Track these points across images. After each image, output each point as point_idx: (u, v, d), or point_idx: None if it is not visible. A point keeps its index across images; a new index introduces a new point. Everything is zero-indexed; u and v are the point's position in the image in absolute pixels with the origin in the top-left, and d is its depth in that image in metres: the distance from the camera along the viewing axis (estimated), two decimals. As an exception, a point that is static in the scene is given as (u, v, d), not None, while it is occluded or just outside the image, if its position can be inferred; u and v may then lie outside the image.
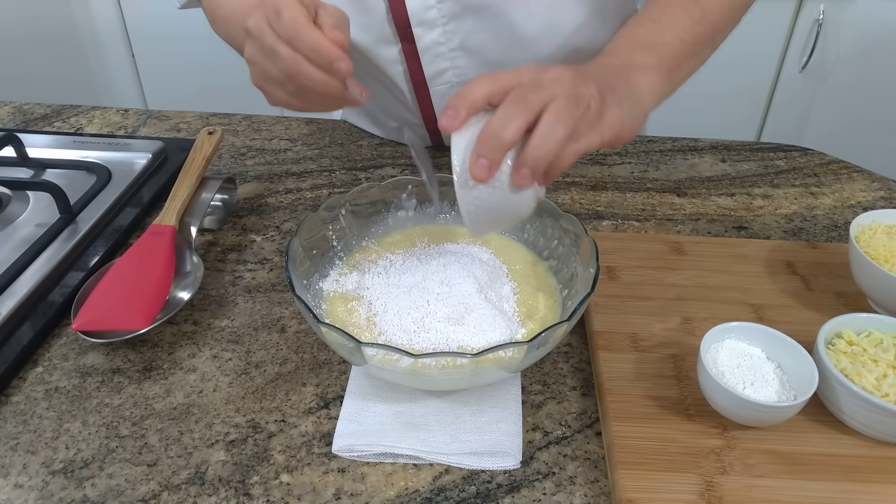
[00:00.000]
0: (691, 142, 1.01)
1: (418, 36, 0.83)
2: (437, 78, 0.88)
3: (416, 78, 0.88)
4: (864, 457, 0.54)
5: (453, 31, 0.83)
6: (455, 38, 0.84)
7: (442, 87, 0.89)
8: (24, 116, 1.08)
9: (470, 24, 0.83)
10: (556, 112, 0.51)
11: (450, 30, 0.83)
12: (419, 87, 0.90)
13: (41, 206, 0.81)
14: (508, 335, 0.58)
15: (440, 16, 0.82)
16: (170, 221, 0.74)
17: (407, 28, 0.83)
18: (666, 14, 0.67)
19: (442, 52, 0.85)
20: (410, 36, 0.83)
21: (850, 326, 0.60)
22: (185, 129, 1.04)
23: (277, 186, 0.90)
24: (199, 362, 0.64)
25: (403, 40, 0.85)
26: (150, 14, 2.01)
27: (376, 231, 0.71)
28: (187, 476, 0.54)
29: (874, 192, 0.90)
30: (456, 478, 0.54)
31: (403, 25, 0.83)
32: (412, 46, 0.85)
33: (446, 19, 0.82)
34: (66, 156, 0.90)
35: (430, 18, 0.82)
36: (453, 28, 0.83)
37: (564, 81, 0.53)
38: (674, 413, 0.57)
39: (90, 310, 0.65)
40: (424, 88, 0.89)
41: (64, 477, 0.54)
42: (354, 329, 0.60)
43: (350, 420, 0.58)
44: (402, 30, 0.83)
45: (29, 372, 0.63)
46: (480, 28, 0.83)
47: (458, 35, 0.84)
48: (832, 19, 1.77)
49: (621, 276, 0.71)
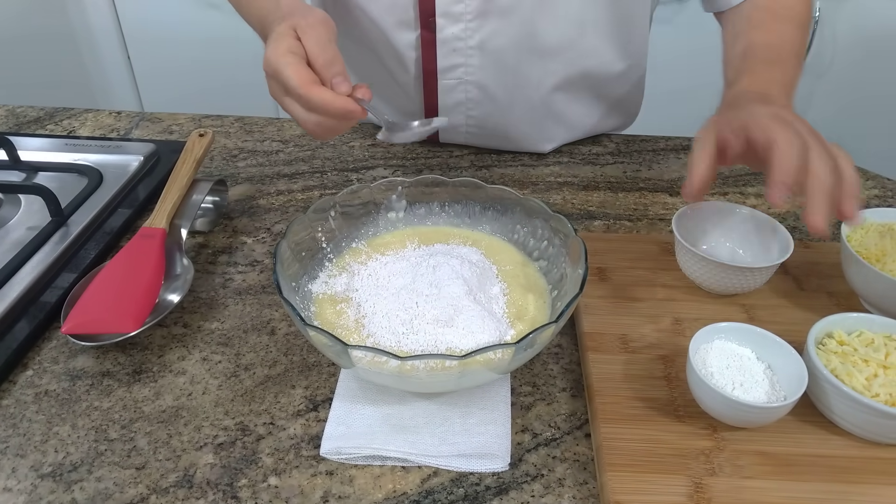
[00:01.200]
0: (684, 141, 1.01)
1: (440, 27, 0.84)
2: (449, 72, 0.88)
3: (427, 67, 0.89)
4: (855, 457, 0.54)
5: (476, 28, 0.84)
6: (476, 35, 0.84)
7: (451, 82, 0.89)
8: (17, 119, 1.08)
9: (493, 26, 0.84)
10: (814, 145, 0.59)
11: (473, 27, 0.84)
12: (428, 76, 0.90)
13: (33, 209, 0.80)
14: (497, 336, 0.58)
15: (467, 11, 0.82)
16: (160, 224, 0.74)
17: (430, 17, 0.83)
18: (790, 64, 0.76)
19: (460, 48, 0.86)
20: (432, 25, 0.84)
21: (841, 326, 0.59)
22: (178, 131, 1.04)
23: (269, 188, 0.90)
24: (189, 365, 0.64)
25: (424, 28, 0.85)
26: (146, 16, 2.01)
27: (366, 232, 0.71)
28: (175, 479, 0.54)
29: (868, 191, 0.90)
30: (444, 480, 0.54)
31: (427, 13, 0.83)
32: (431, 35, 0.85)
33: (472, 16, 0.83)
34: (59, 158, 0.90)
35: (457, 12, 0.83)
36: (476, 26, 0.84)
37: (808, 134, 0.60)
38: (663, 414, 0.57)
39: (80, 313, 0.65)
40: (433, 79, 0.89)
41: (53, 480, 0.54)
42: (343, 331, 0.60)
43: (339, 422, 0.58)
44: (425, 17, 0.84)
45: (19, 375, 0.63)
46: (503, 31, 0.84)
47: (479, 34, 0.84)
48: (828, 16, 1.77)
49: (612, 277, 0.71)
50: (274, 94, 0.65)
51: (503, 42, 0.85)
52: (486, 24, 0.84)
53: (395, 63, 0.91)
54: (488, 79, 0.89)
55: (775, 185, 0.56)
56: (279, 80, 0.62)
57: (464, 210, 0.72)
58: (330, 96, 0.60)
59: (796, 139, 0.58)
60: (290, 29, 0.63)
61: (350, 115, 0.60)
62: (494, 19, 0.83)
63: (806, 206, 0.56)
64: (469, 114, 0.93)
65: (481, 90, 0.90)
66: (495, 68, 0.88)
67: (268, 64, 0.62)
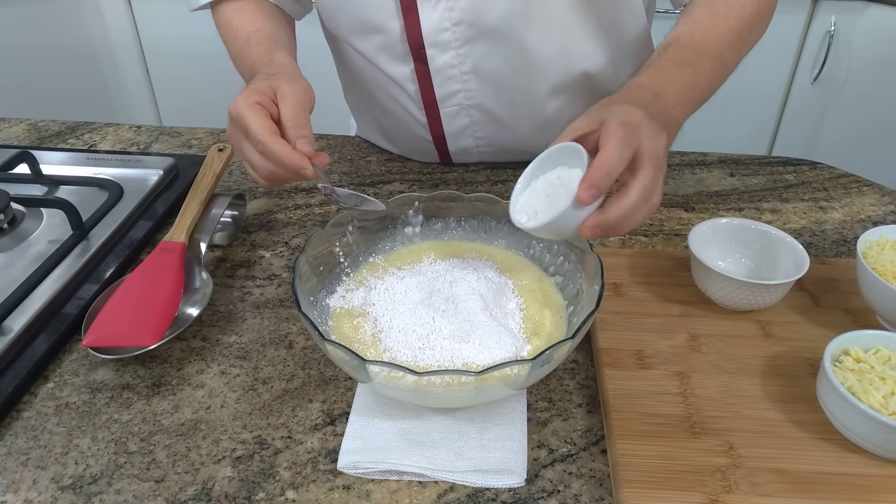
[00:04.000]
0: (700, 156, 1.01)
1: (431, 57, 0.84)
2: (448, 99, 0.89)
3: (427, 98, 0.89)
4: (873, 476, 0.53)
5: (466, 54, 0.84)
6: (468, 61, 0.85)
7: (452, 109, 0.90)
8: (39, 133, 1.09)
9: (483, 49, 0.84)
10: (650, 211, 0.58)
11: (463, 53, 0.84)
12: (430, 107, 0.90)
13: (54, 222, 0.82)
14: (514, 352, 0.59)
15: (454, 38, 0.83)
16: (179, 238, 0.75)
17: (420, 49, 0.84)
18: (702, 67, 0.71)
19: (454, 75, 0.86)
20: (424, 56, 0.84)
21: (858, 343, 0.59)
22: (197, 145, 1.06)
23: (287, 202, 0.91)
24: (208, 378, 0.65)
25: (416, 60, 0.86)
26: (165, 30, 2.04)
27: (383, 247, 0.72)
28: (194, 492, 0.55)
29: (884, 207, 0.90)
30: (461, 495, 0.54)
31: (417, 46, 0.84)
32: (425, 67, 0.85)
33: (460, 42, 0.83)
34: (80, 172, 0.91)
35: (445, 41, 0.83)
36: (467, 52, 0.84)
37: (663, 168, 0.59)
38: (679, 431, 0.57)
39: (101, 326, 0.66)
40: (435, 108, 0.90)
41: (73, 492, 0.55)
42: (360, 346, 0.61)
43: (355, 437, 0.58)
44: (416, 50, 0.84)
45: (40, 387, 0.64)
46: (494, 53, 0.84)
47: (470, 59, 0.84)
48: (844, 30, 1.76)
49: (627, 293, 0.71)
50: (231, 137, 0.69)
51: (496, 63, 0.85)
52: (476, 48, 0.84)
53: (400, 96, 0.92)
54: (489, 100, 0.89)
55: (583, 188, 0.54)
56: (241, 124, 0.65)
57: (480, 225, 0.72)
58: (287, 150, 0.63)
59: (626, 151, 0.55)
60: (270, 88, 0.67)
61: (302, 172, 0.63)
62: (483, 42, 0.83)
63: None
64: (476, 136, 0.94)
65: (484, 112, 0.91)
66: (493, 89, 0.88)
67: (235, 107, 0.66)
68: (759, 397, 0.60)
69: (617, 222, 0.56)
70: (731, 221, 0.73)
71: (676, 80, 0.68)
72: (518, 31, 0.82)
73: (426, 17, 0.81)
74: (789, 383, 0.61)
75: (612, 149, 0.55)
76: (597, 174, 0.54)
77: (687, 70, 0.69)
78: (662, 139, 0.59)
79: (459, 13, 0.81)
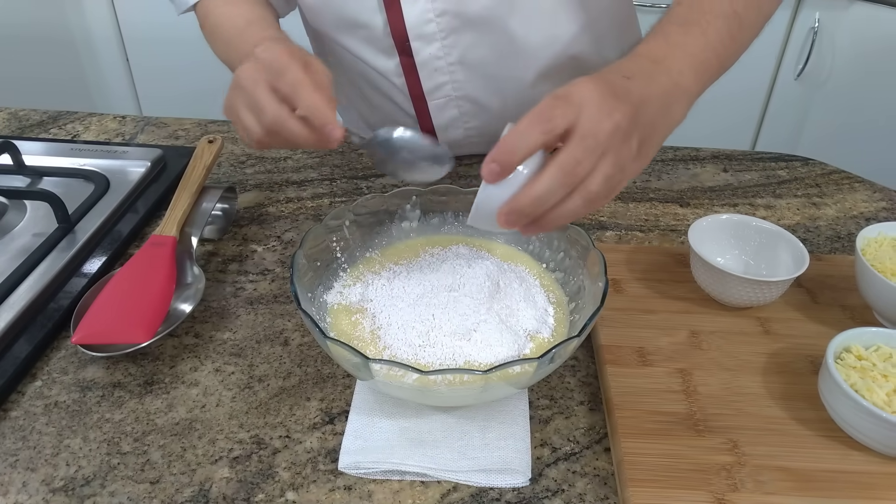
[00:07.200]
0: (692, 151, 1.01)
1: (416, 50, 0.83)
2: (436, 91, 0.87)
3: (414, 91, 0.88)
4: (876, 473, 0.53)
5: (452, 45, 0.83)
6: (454, 52, 0.83)
7: (440, 101, 0.89)
8: (20, 123, 1.06)
9: (469, 39, 0.83)
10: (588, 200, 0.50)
11: (448, 44, 0.83)
12: (417, 99, 0.89)
13: (39, 215, 0.79)
14: (516, 350, 0.58)
15: (439, 30, 0.81)
16: (170, 232, 0.73)
17: (405, 42, 0.82)
18: (712, 27, 0.62)
19: (440, 66, 0.85)
20: (409, 50, 0.83)
21: (859, 341, 0.59)
22: (184, 136, 1.03)
23: (278, 195, 0.89)
24: (202, 376, 0.63)
25: (402, 54, 0.84)
26: (145, 18, 1.99)
27: (380, 242, 0.71)
28: (191, 494, 0.53)
29: (876, 203, 0.90)
30: (464, 495, 0.54)
31: (402, 39, 0.82)
32: (410, 60, 0.84)
33: (445, 33, 0.82)
34: (63, 163, 0.89)
35: (429, 32, 0.81)
36: (452, 42, 0.82)
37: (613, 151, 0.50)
38: (683, 429, 0.56)
39: (90, 322, 0.64)
40: (423, 101, 0.89)
41: (65, 495, 0.53)
42: (359, 343, 0.59)
43: (356, 436, 0.57)
44: (401, 43, 0.83)
45: (27, 386, 0.62)
46: (479, 42, 0.83)
47: (456, 49, 0.83)
48: (827, 27, 1.77)
49: (626, 289, 0.71)
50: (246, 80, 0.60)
51: (483, 53, 0.84)
52: (461, 38, 0.82)
53: (388, 90, 0.90)
54: (477, 90, 0.88)
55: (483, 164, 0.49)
56: (277, 66, 0.58)
57: (478, 220, 0.72)
58: (323, 102, 0.57)
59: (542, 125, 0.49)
60: (299, 50, 0.61)
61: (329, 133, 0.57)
62: (468, 32, 0.82)
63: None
64: (466, 127, 0.93)
65: (472, 103, 0.90)
66: (481, 79, 0.87)
67: (267, 52, 0.59)
68: (761, 395, 0.60)
69: (530, 206, 0.49)
70: (731, 217, 0.73)
71: (681, 43, 0.60)
72: (503, 18, 0.81)
73: (409, 10, 0.80)
74: (791, 380, 0.61)
75: (523, 122, 0.49)
76: (499, 149, 0.49)
77: (694, 30, 0.61)
78: (614, 117, 0.50)
79: (443, 4, 0.79)
